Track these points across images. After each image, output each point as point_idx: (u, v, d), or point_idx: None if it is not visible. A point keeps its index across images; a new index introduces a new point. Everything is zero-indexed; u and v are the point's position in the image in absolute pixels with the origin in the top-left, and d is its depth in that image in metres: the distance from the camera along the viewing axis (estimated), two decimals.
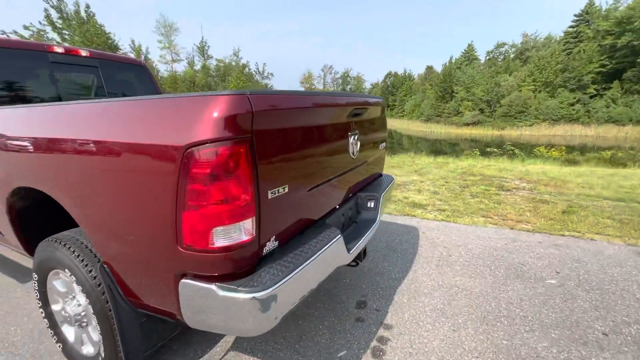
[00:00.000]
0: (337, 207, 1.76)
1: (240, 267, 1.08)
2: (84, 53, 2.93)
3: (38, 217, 1.80)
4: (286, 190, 1.18)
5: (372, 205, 2.09)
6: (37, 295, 1.76)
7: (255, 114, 1.01)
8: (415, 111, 58.13)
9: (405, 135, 42.21)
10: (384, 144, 2.47)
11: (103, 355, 1.49)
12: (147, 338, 1.46)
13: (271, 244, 1.19)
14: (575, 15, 42.93)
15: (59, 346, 1.77)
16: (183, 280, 1.08)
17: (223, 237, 1.02)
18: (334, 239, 1.42)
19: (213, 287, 1.03)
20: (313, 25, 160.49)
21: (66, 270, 1.47)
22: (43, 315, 1.78)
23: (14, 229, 1.76)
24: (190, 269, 1.07)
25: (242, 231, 1.04)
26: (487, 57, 56.56)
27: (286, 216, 1.26)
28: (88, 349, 1.65)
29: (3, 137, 1.55)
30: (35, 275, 1.69)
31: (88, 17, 31.19)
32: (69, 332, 1.73)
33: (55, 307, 1.74)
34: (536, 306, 2.31)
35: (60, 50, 2.77)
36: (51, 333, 1.79)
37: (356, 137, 1.77)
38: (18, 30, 27.93)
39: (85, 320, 1.62)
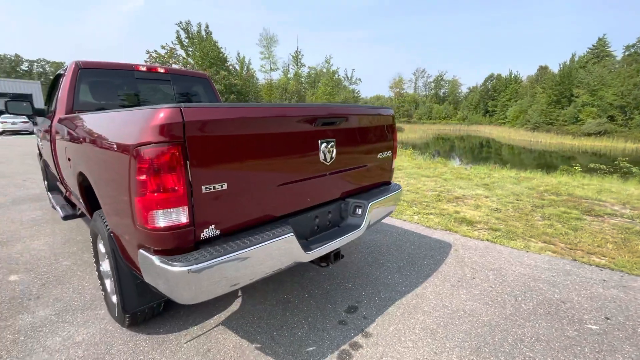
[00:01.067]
0: (310, 208, 1.88)
1: (178, 245, 1.34)
2: (160, 70, 3.68)
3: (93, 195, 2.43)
4: (224, 187, 1.39)
5: (359, 212, 2.13)
6: (93, 254, 2.36)
7: (186, 123, 1.25)
8: (520, 118, 50.95)
9: (506, 144, 37.15)
10: (388, 153, 2.44)
11: (116, 302, 1.95)
12: (141, 295, 1.86)
13: (210, 232, 1.42)
14: None
15: (102, 294, 2.34)
16: (140, 251, 1.39)
17: (161, 219, 1.29)
18: (282, 237, 1.56)
19: (154, 258, 1.31)
20: (408, 29, 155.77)
21: (99, 235, 1.98)
22: (95, 269, 2.38)
23: (83, 201, 2.41)
24: (143, 242, 1.38)
25: (177, 216, 1.30)
26: (626, 53, 45.75)
27: (227, 209, 1.46)
28: (114, 299, 2.15)
29: (73, 135, 2.17)
30: (91, 239, 2.29)
31: (206, 35, 37.06)
32: (108, 284, 2.28)
33: (101, 264, 2.32)
34: (553, 350, 1.97)
35: (143, 68, 3.55)
36: (99, 284, 2.38)
37: (331, 145, 1.86)
38: (157, 49, 35.04)
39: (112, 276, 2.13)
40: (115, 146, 1.40)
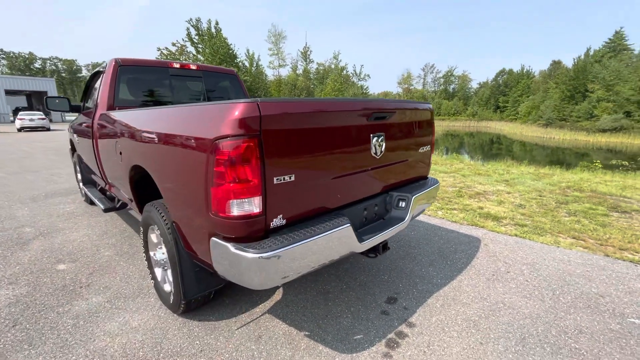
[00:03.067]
0: (359, 200, 1.93)
1: (251, 234, 1.41)
2: (192, 67, 3.76)
3: (144, 187, 2.52)
4: (292, 179, 1.45)
5: (402, 205, 2.17)
6: (142, 244, 2.46)
7: (263, 117, 1.31)
8: (532, 114, 50.07)
9: (518, 141, 36.50)
10: (427, 147, 2.48)
11: (173, 291, 2.04)
12: (198, 283, 1.94)
13: (278, 221, 1.48)
14: None
15: (152, 282, 2.44)
16: (212, 239, 1.46)
17: (237, 208, 1.35)
18: (341, 227, 1.61)
19: (229, 245, 1.38)
20: (415, 22, 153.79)
21: (155, 226, 2.06)
22: (145, 258, 2.48)
23: (132, 193, 2.50)
24: (217, 230, 1.45)
25: (251, 206, 1.36)
26: None
27: (294, 200, 1.52)
28: (167, 287, 2.24)
29: (130, 130, 2.26)
30: (142, 229, 2.38)
31: (216, 32, 37.23)
32: (158, 272, 2.37)
33: (151, 254, 2.41)
34: (598, 342, 2.00)
35: (177, 65, 3.63)
36: (149, 272, 2.48)
37: (381, 139, 1.90)
38: (168, 46, 35.36)
39: (166, 265, 2.22)
40: (189, 139, 1.47)
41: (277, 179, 1.40)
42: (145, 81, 3.41)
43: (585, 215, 4.45)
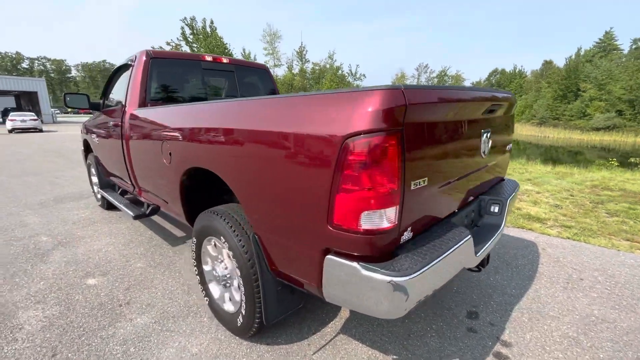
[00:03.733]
0: (460, 207, 1.70)
1: (381, 251, 1.16)
2: (225, 60, 3.48)
3: (196, 194, 2.24)
4: (425, 183, 1.21)
5: (496, 210, 1.94)
6: (193, 256, 2.18)
7: (408, 107, 1.06)
8: (526, 113, 50.58)
9: (513, 140, 36.81)
10: (510, 145, 2.26)
11: (244, 313, 1.77)
12: (279, 305, 1.68)
13: (407, 234, 1.24)
14: None
15: (206, 300, 2.16)
16: (329, 256, 1.20)
17: (369, 220, 1.10)
18: (465, 239, 1.38)
19: (357, 265, 1.13)
20: (411, 22, 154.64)
21: (221, 237, 1.79)
22: (196, 272, 2.20)
23: (181, 200, 2.22)
24: (335, 246, 1.19)
25: (387, 217, 1.11)
26: (633, 47, 45.31)
27: (422, 209, 1.28)
28: (229, 307, 1.97)
29: (184, 129, 1.97)
30: (194, 239, 2.10)
31: (211, 31, 36.62)
32: (215, 289, 2.10)
33: (205, 268, 2.14)
34: None
35: (209, 58, 3.34)
36: (201, 288, 2.20)
37: (488, 135, 1.67)
38: (162, 45, 34.66)
39: (229, 281, 1.95)
40: (300, 137, 1.20)
41: (414, 184, 1.15)
42: (178, 75, 3.12)
43: (627, 216, 4.30)
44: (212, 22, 36.83)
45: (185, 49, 35.84)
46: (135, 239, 3.52)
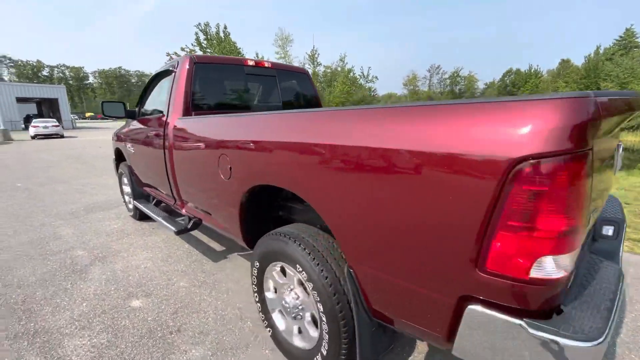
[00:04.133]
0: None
1: (547, 304, 0.91)
2: (267, 64, 3.29)
3: (258, 214, 2.03)
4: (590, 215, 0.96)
5: (609, 233, 1.66)
6: (254, 281, 1.96)
7: (602, 120, 0.82)
8: None
9: None
10: None
11: (325, 353, 1.53)
12: (374, 346, 1.44)
13: (570, 283, 0.99)
14: None
15: (268, 330, 1.94)
16: (472, 307, 0.96)
17: (541, 268, 0.85)
18: (621, 277, 1.11)
19: (522, 323, 0.88)
20: (424, 22, 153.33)
21: (297, 266, 1.56)
22: (257, 300, 1.98)
23: (239, 221, 2.01)
24: (482, 295, 0.95)
25: (563, 264, 0.86)
26: None
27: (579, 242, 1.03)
28: (301, 342, 1.74)
29: (256, 142, 1.74)
30: (257, 263, 1.88)
31: (225, 36, 36.93)
32: (280, 320, 1.87)
33: (268, 295, 1.92)
34: None
35: (251, 63, 3.15)
36: (262, 317, 1.98)
37: (622, 148, 1.41)
38: (177, 51, 35.15)
39: (301, 313, 1.72)
40: (444, 157, 0.93)
41: (589, 216, 0.91)
42: (222, 81, 2.95)
43: None
44: (225, 27, 37.12)
45: (199, 53, 36.32)
46: (173, 253, 3.34)
